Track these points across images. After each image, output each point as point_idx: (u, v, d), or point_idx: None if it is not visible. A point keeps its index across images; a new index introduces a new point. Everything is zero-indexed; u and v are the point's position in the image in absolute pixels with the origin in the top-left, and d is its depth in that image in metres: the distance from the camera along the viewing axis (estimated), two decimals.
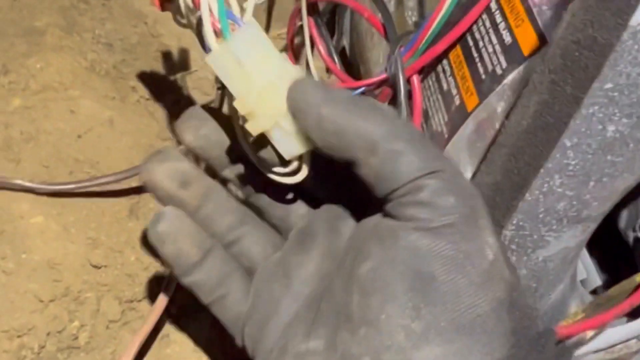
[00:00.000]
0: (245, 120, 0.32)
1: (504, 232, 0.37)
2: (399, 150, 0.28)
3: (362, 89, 0.47)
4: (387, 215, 0.30)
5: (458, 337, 0.27)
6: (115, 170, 0.55)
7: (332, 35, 0.69)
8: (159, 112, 0.64)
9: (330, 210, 0.37)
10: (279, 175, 0.35)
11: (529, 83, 0.31)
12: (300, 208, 0.38)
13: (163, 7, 0.39)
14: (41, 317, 0.46)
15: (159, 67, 0.68)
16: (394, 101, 0.47)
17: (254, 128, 0.31)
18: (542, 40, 0.36)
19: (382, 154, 0.28)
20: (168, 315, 0.51)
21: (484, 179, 0.34)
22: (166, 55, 0.69)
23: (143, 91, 0.64)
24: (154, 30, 0.71)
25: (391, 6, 0.53)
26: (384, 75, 0.45)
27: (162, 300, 0.47)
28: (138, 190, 0.56)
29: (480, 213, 0.29)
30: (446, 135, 0.42)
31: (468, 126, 0.40)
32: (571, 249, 0.42)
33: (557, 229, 0.39)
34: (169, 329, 0.51)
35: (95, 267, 0.49)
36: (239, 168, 0.38)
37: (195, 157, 0.39)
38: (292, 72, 0.32)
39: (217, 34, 0.31)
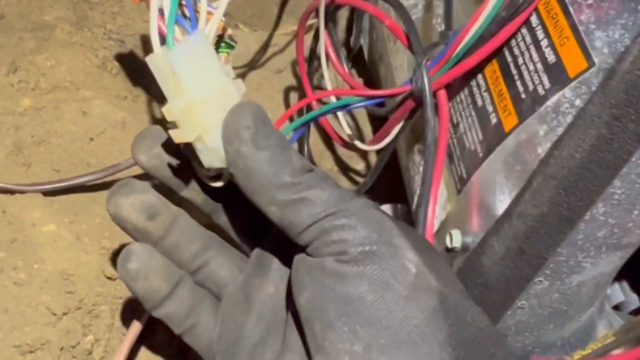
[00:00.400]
0: (170, 126, 0.32)
1: None
2: (298, 199, 0.30)
3: (382, 99, 0.45)
4: (309, 254, 0.31)
5: (400, 351, 0.28)
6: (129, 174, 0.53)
7: (349, 34, 0.68)
8: None
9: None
10: (205, 177, 0.36)
11: (584, 115, 0.29)
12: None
13: None
14: (54, 331, 0.45)
15: None
16: (414, 115, 0.45)
17: (177, 136, 0.31)
18: (590, 61, 0.34)
19: (282, 204, 0.30)
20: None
21: (528, 210, 0.33)
22: None
23: (155, 89, 0.62)
24: None
25: (418, 11, 0.51)
26: (408, 87, 0.43)
27: (136, 327, 0.45)
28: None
29: (392, 233, 0.30)
30: (480, 155, 0.40)
31: (505, 147, 0.38)
32: (606, 274, 0.41)
33: (594, 256, 0.38)
34: None
35: (109, 278, 0.47)
36: (195, 186, 0.37)
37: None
38: (229, 90, 0.32)
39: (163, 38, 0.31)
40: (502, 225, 0.35)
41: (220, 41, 0.45)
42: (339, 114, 0.50)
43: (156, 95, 0.62)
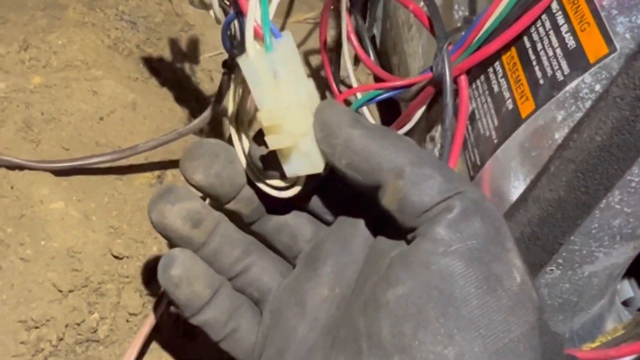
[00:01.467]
0: (264, 132, 0.31)
1: None
2: (426, 174, 0.29)
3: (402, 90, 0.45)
4: (412, 240, 0.30)
5: None
6: (138, 158, 0.53)
7: (363, 21, 0.67)
8: (183, 95, 0.62)
9: (337, 233, 0.36)
10: (272, 188, 0.35)
11: (607, 97, 0.29)
12: (306, 233, 0.38)
13: None
14: (60, 307, 0.44)
15: (183, 47, 0.65)
16: (436, 101, 0.45)
17: (274, 142, 0.31)
18: (612, 47, 0.34)
19: (409, 177, 0.29)
20: None
21: (545, 194, 0.32)
22: (191, 36, 0.67)
23: (167, 73, 0.62)
24: (179, 8, 0.68)
25: None
26: (428, 75, 0.43)
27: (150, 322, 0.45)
28: (162, 177, 0.54)
29: (506, 235, 0.29)
30: (495, 140, 0.40)
31: (521, 133, 0.37)
32: (618, 265, 0.40)
33: (608, 245, 0.37)
34: None
35: (116, 257, 0.47)
36: (244, 196, 0.37)
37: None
38: (315, 94, 0.32)
39: (256, 39, 0.30)
40: (517, 210, 0.34)
41: None
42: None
43: (168, 78, 0.62)
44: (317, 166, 0.32)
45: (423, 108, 0.45)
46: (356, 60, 0.67)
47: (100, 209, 0.49)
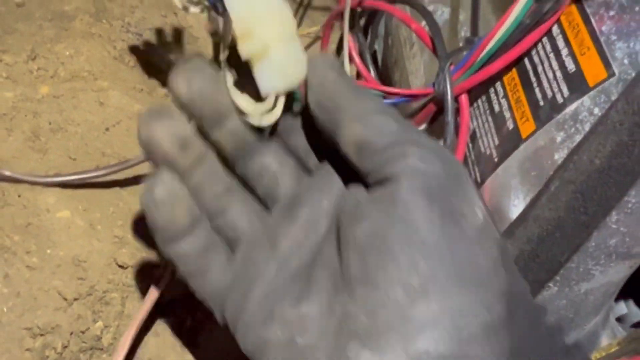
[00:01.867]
0: (237, 41, 0.32)
1: None
2: (387, 121, 0.30)
3: (403, 99, 0.46)
4: (376, 183, 0.31)
5: (457, 291, 0.27)
6: (142, 168, 0.54)
7: (365, 38, 0.68)
8: None
9: (315, 182, 0.37)
10: (252, 116, 0.35)
11: (606, 121, 0.30)
12: (287, 180, 0.38)
13: None
14: (65, 315, 0.45)
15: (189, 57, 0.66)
16: (438, 118, 0.46)
17: (245, 49, 0.32)
18: (610, 71, 0.35)
19: (369, 121, 0.30)
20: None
21: (545, 213, 0.33)
22: (195, 48, 0.68)
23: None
24: (184, 21, 0.69)
25: (443, 16, 0.51)
26: (430, 90, 0.44)
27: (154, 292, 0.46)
28: None
29: (465, 178, 0.30)
30: (496, 159, 0.41)
31: (522, 152, 0.39)
32: (614, 283, 0.41)
33: (604, 264, 0.38)
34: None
35: (121, 266, 0.48)
36: (230, 127, 0.36)
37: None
38: (287, 11, 0.33)
39: None
40: (517, 228, 0.35)
41: None
42: None
43: None
44: (291, 81, 0.32)
45: (424, 125, 0.46)
46: (358, 76, 0.68)
47: (105, 218, 0.50)
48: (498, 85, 0.42)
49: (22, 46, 0.58)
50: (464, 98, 0.42)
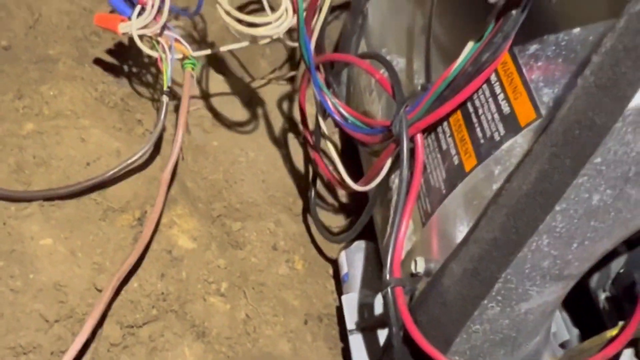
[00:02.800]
0: None
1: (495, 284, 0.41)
2: None
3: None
4: None
5: None
6: (120, 201, 0.58)
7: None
8: (162, 145, 0.67)
9: None
10: None
11: (531, 152, 0.35)
12: None
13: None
14: (45, 336, 0.48)
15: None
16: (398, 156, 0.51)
17: None
18: (538, 113, 0.40)
19: None
20: None
21: (483, 235, 0.38)
22: (171, 92, 0.72)
23: (148, 124, 0.67)
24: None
25: (399, 65, 0.57)
26: (387, 122, 0.49)
27: None
28: (141, 219, 0.59)
29: None
30: (444, 191, 0.46)
31: (466, 184, 0.44)
32: (550, 303, 0.46)
33: (540, 284, 0.43)
34: None
35: (99, 291, 0.51)
36: None
37: None
38: None
39: None
40: (460, 250, 0.40)
41: (184, 60, 0.61)
42: (335, 158, 0.56)
43: (149, 129, 0.67)
44: None
45: (389, 162, 0.51)
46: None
47: (85, 246, 0.53)
48: (445, 125, 0.48)
49: (8, 86, 0.62)
50: (419, 137, 0.48)
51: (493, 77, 0.45)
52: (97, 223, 0.56)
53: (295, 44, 0.75)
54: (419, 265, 0.45)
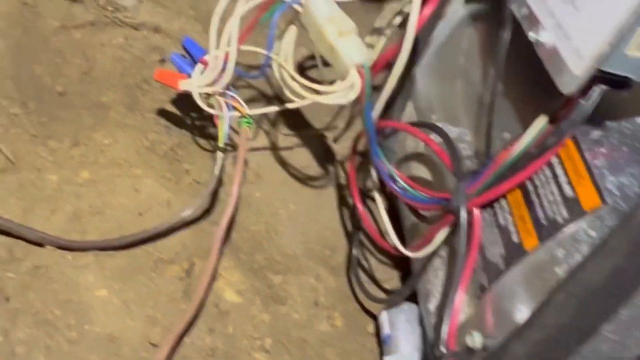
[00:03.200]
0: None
1: None
2: None
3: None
4: None
5: None
6: (169, 253, 0.59)
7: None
8: (207, 196, 0.68)
9: None
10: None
11: (606, 246, 0.36)
12: None
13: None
14: None
15: (209, 151, 0.72)
16: (455, 229, 0.52)
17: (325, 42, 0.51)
18: (603, 200, 0.41)
19: None
20: None
21: (550, 320, 0.39)
22: (215, 140, 0.74)
23: (195, 175, 0.69)
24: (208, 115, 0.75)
25: (450, 134, 0.58)
26: (447, 194, 0.50)
27: None
28: (190, 270, 0.59)
29: None
30: (502, 268, 0.47)
31: (526, 264, 0.45)
32: None
33: None
34: None
35: (152, 345, 0.52)
36: None
37: None
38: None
39: None
40: (523, 331, 0.41)
41: (241, 117, 0.62)
42: (387, 223, 0.57)
43: (196, 180, 0.68)
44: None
45: (443, 232, 0.52)
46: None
47: (139, 298, 0.54)
48: (503, 201, 0.49)
49: (64, 132, 0.63)
50: (476, 212, 0.49)
51: (555, 160, 0.46)
52: (148, 274, 0.57)
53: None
54: (477, 340, 0.45)
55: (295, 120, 0.84)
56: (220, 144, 0.62)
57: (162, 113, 0.72)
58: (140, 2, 0.79)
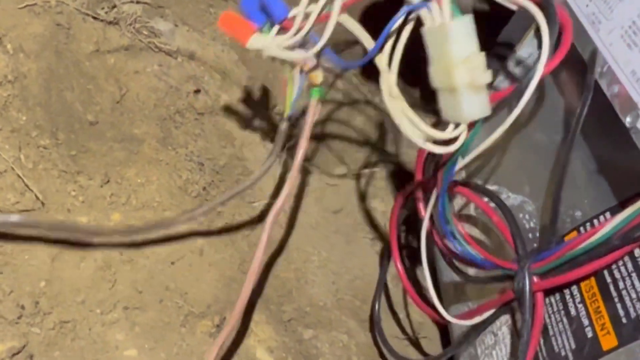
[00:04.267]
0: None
1: None
2: None
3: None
4: None
5: None
6: (200, 305, 0.55)
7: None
8: (239, 242, 0.64)
9: None
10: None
11: None
12: None
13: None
14: None
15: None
16: (511, 305, 0.49)
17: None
18: None
19: None
20: None
21: None
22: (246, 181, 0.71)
23: (228, 217, 0.65)
24: (240, 153, 0.72)
25: (509, 200, 0.55)
26: (515, 266, 0.46)
27: None
28: (220, 325, 0.56)
29: None
30: None
31: None
32: None
33: None
34: None
35: None
36: None
37: None
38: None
39: None
40: None
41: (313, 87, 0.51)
42: (430, 288, 0.54)
43: (229, 223, 0.65)
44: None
45: (494, 309, 0.49)
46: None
47: (170, 359, 0.50)
48: (574, 289, 0.45)
49: (95, 167, 0.60)
50: (540, 297, 0.45)
51: (637, 251, 0.43)
52: (178, 330, 0.53)
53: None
54: None
55: (329, 157, 0.81)
56: (286, 114, 0.53)
57: (196, 148, 0.68)
58: (176, 26, 0.76)
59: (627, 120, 0.40)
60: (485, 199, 0.51)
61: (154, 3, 0.75)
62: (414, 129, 0.45)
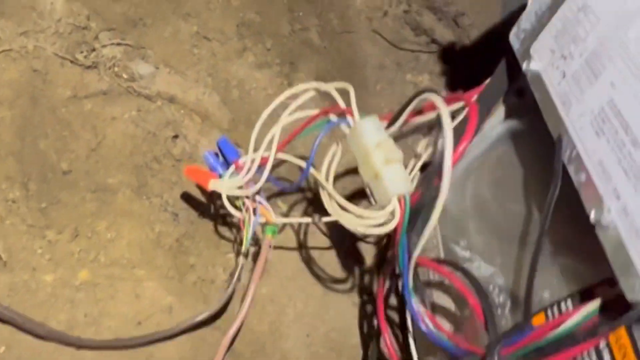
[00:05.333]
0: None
1: None
2: None
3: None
4: None
5: None
6: None
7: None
8: (212, 295, 0.64)
9: None
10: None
11: None
12: None
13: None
14: None
15: (216, 241, 0.68)
16: None
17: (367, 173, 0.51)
18: None
19: None
20: None
21: None
22: (223, 233, 0.70)
23: (200, 270, 0.64)
24: (217, 202, 0.71)
25: (479, 270, 0.54)
26: (479, 350, 0.46)
27: None
28: None
29: None
30: None
31: None
32: None
33: None
34: None
35: None
36: None
37: None
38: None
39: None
40: None
41: (266, 224, 0.60)
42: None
43: (201, 277, 0.64)
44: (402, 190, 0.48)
45: None
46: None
47: None
48: None
49: (65, 220, 0.59)
50: None
51: (602, 344, 0.42)
52: None
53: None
54: None
55: (305, 207, 0.80)
56: (244, 248, 0.59)
57: (171, 198, 0.68)
58: (157, 69, 0.75)
59: (592, 216, 0.39)
60: (461, 277, 0.51)
61: (136, 44, 0.74)
62: (353, 219, 0.51)
